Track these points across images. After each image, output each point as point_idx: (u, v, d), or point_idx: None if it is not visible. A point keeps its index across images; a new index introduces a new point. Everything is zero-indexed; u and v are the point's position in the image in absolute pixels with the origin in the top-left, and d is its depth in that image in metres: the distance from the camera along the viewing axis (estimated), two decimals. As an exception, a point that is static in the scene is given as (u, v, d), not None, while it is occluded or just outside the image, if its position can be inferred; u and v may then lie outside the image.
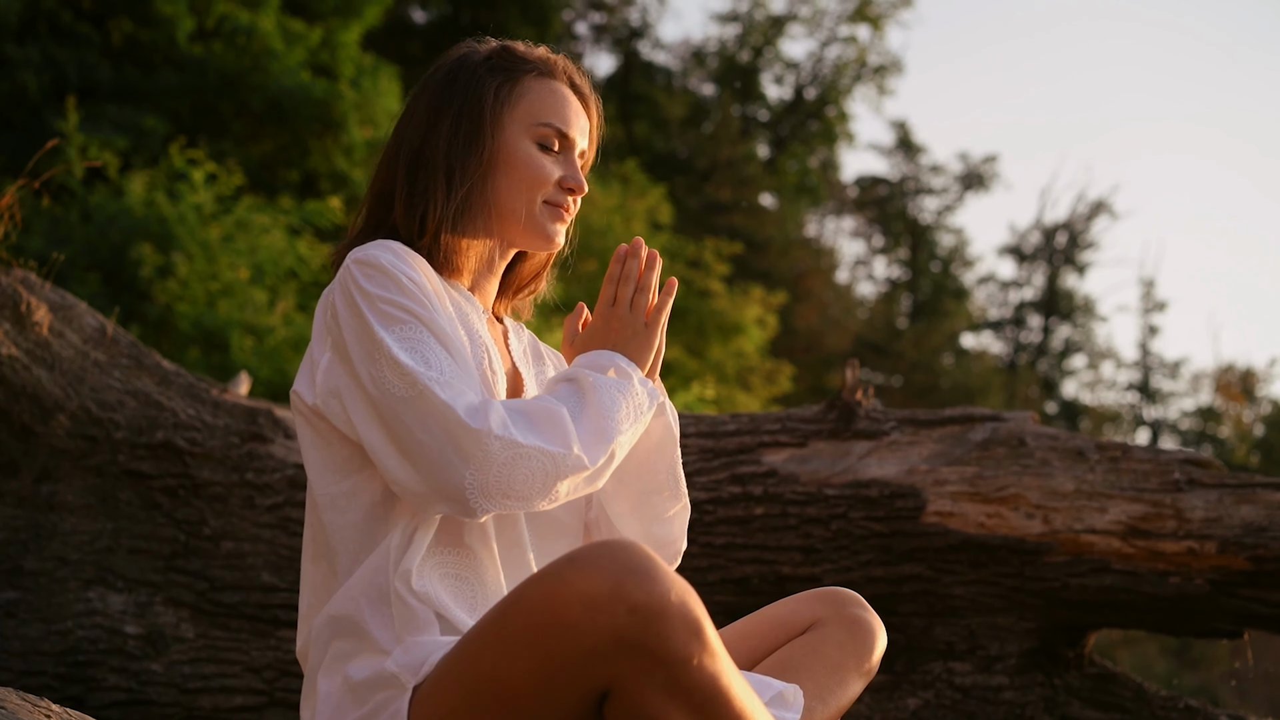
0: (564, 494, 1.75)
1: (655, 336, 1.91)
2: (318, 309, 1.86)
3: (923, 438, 3.65)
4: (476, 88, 1.94)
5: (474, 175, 1.91)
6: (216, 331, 8.81)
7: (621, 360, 1.86)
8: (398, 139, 1.96)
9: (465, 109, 1.93)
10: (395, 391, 1.70)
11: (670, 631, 1.49)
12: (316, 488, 1.83)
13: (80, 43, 11.12)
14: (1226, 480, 3.47)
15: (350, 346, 1.75)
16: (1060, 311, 28.25)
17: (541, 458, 1.69)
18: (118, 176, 9.66)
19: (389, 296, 1.76)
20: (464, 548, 1.81)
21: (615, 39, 24.02)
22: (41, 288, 3.66)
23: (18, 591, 3.51)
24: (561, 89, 1.99)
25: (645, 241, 5.12)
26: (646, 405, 1.85)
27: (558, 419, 1.73)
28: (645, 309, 1.91)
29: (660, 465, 1.98)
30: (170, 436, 3.63)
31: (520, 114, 1.95)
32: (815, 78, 25.80)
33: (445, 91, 1.95)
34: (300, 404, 1.84)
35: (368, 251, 1.80)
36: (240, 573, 3.57)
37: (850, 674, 1.92)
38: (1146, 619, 3.54)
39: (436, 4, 18.88)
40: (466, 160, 1.91)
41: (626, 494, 1.98)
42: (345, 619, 1.76)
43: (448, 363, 1.74)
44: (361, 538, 1.79)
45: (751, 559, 3.58)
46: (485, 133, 1.92)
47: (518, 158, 1.93)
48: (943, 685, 3.53)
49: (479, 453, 1.67)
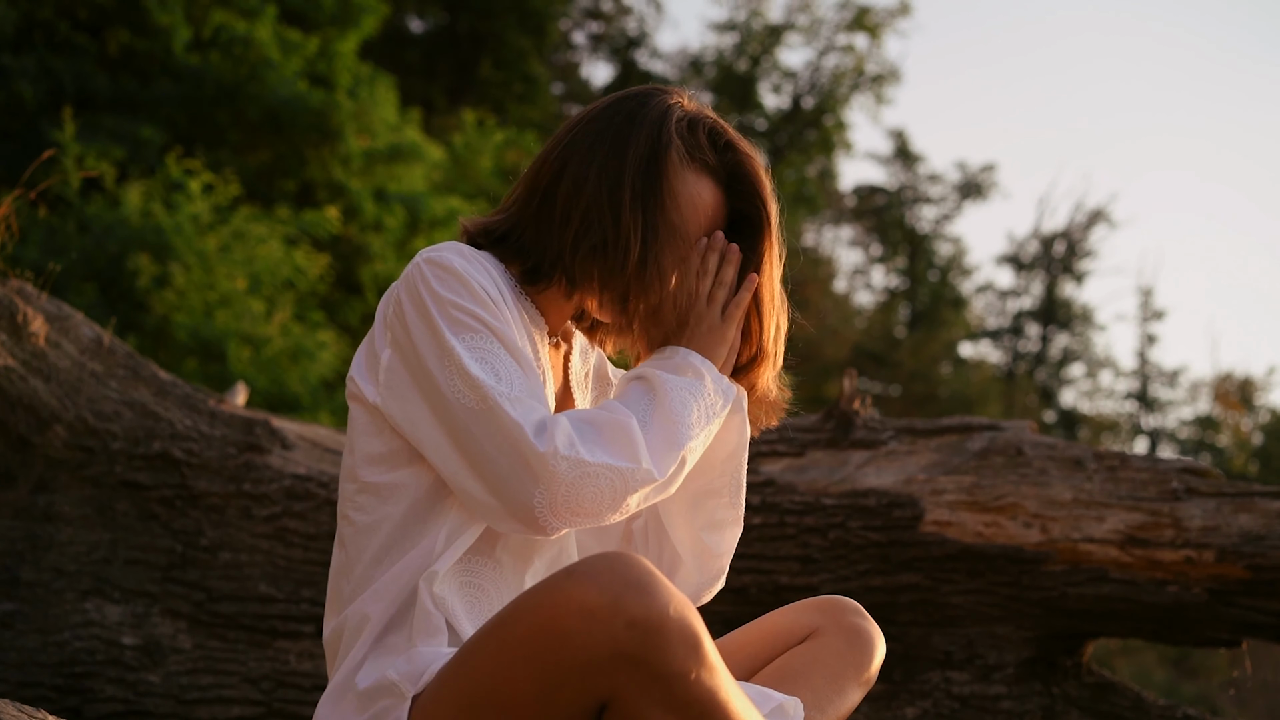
0: (635, 506, 1.72)
1: (731, 331, 1.87)
2: (382, 301, 1.82)
3: (920, 447, 3.64)
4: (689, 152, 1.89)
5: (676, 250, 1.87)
6: (213, 342, 8.82)
7: (695, 358, 1.82)
8: (588, 158, 1.86)
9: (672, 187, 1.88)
10: (465, 403, 1.68)
11: (668, 646, 1.49)
12: (361, 474, 1.81)
13: (77, 53, 11.13)
14: (1224, 489, 3.47)
15: (420, 349, 1.73)
16: (1058, 320, 28.27)
17: (610, 474, 1.67)
18: (114, 186, 9.66)
19: (460, 302, 1.73)
20: (493, 559, 1.80)
21: (612, 48, 24.05)
22: (38, 298, 3.66)
23: (15, 603, 3.50)
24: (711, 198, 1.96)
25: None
26: (720, 405, 1.82)
27: (626, 431, 1.70)
28: (722, 303, 1.88)
29: (728, 467, 1.93)
30: (167, 447, 3.62)
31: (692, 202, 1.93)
32: (813, 87, 25.83)
33: (659, 147, 1.87)
34: (357, 391, 1.81)
35: (440, 252, 1.77)
36: (237, 583, 3.57)
37: (849, 683, 1.91)
38: (1144, 628, 3.54)
39: (434, 13, 18.88)
40: (678, 237, 1.86)
41: (684, 494, 1.94)
42: (375, 616, 1.75)
43: (518, 376, 1.71)
44: (396, 531, 1.78)
45: (749, 569, 3.57)
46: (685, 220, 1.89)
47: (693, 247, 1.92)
48: (941, 695, 3.53)
49: (546, 473, 1.65)
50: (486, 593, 1.79)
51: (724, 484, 1.94)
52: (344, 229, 10.80)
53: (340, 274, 10.63)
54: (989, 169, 28.31)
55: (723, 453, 1.92)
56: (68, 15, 11.37)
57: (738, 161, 1.92)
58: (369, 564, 1.79)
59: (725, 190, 1.92)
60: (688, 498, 1.94)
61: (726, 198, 1.92)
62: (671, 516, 1.96)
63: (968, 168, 28.39)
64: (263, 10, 11.37)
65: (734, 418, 1.91)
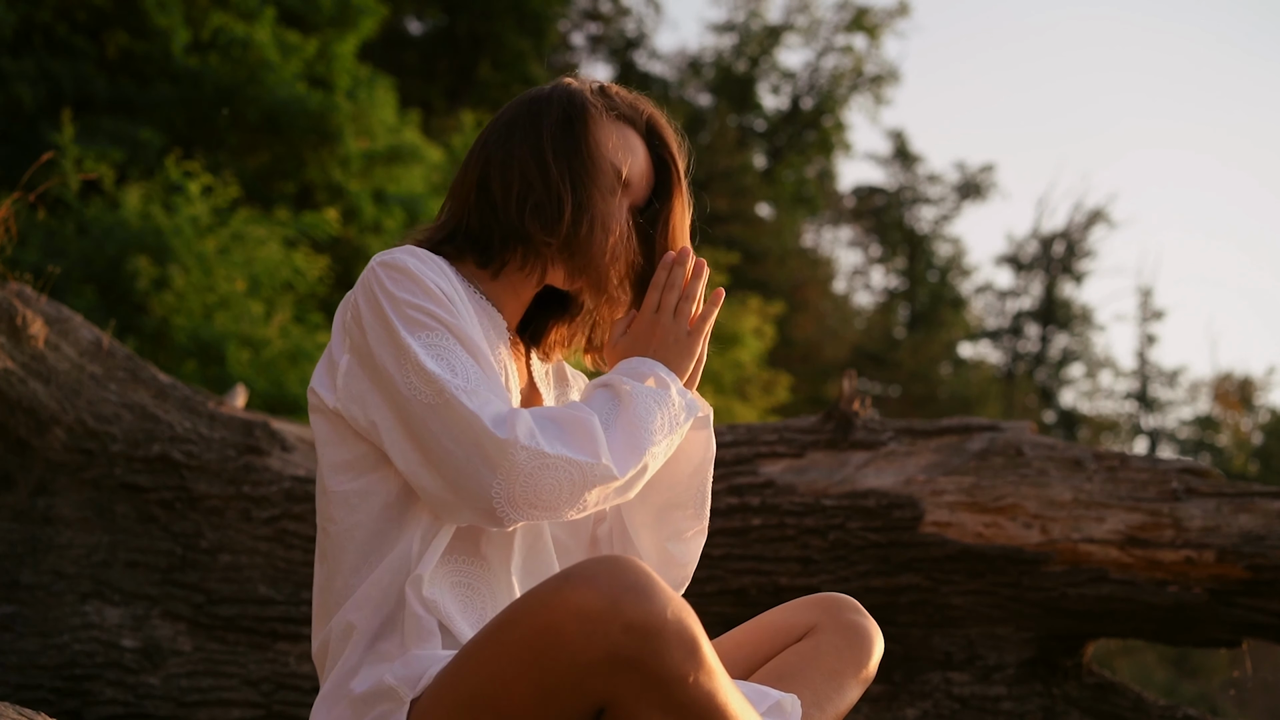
0: (593, 503, 1.73)
1: (698, 345, 1.90)
2: (339, 309, 1.84)
3: (920, 448, 3.64)
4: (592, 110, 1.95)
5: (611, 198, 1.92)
6: (213, 344, 8.81)
7: (661, 369, 1.84)
8: (523, 139, 1.91)
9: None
10: (422, 399, 1.69)
11: (666, 649, 1.49)
12: (329, 484, 1.81)
13: (75, 55, 11.13)
14: (1224, 489, 3.47)
15: (375, 351, 1.74)
16: (1058, 320, 28.28)
17: (569, 467, 1.68)
18: (113, 189, 9.65)
19: (415, 301, 1.75)
20: (479, 557, 1.80)
21: (611, 49, 24.06)
22: (37, 301, 3.66)
23: (14, 605, 3.50)
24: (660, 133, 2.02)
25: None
26: (683, 417, 1.83)
27: (588, 427, 1.71)
28: (689, 317, 1.89)
29: (694, 481, 1.96)
30: (167, 449, 3.62)
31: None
32: (812, 87, 25.83)
33: (569, 111, 1.94)
34: (318, 402, 1.82)
35: (393, 255, 1.79)
36: (237, 585, 3.56)
37: (848, 680, 1.91)
38: (1144, 628, 3.54)
39: (432, 15, 18.89)
40: (604, 186, 1.92)
41: (650, 505, 1.96)
42: (361, 626, 1.75)
43: (474, 370, 1.72)
44: (370, 538, 1.78)
45: (749, 570, 3.57)
46: (607, 172, 1.93)
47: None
48: (941, 696, 3.53)
49: (505, 462, 1.65)
50: (478, 591, 1.79)
51: (689, 497, 1.96)
52: (343, 231, 10.79)
53: (339, 276, 10.62)
54: (988, 169, 28.35)
55: (688, 467, 1.95)
56: (67, 17, 11.37)
57: (650, 113, 1.98)
58: (348, 573, 1.79)
59: (645, 140, 1.97)
60: (653, 510, 1.96)
61: (648, 146, 1.97)
62: (637, 527, 1.97)
63: (967, 168, 28.44)
64: (261, 12, 11.37)
65: (700, 434, 1.94)
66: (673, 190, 1.96)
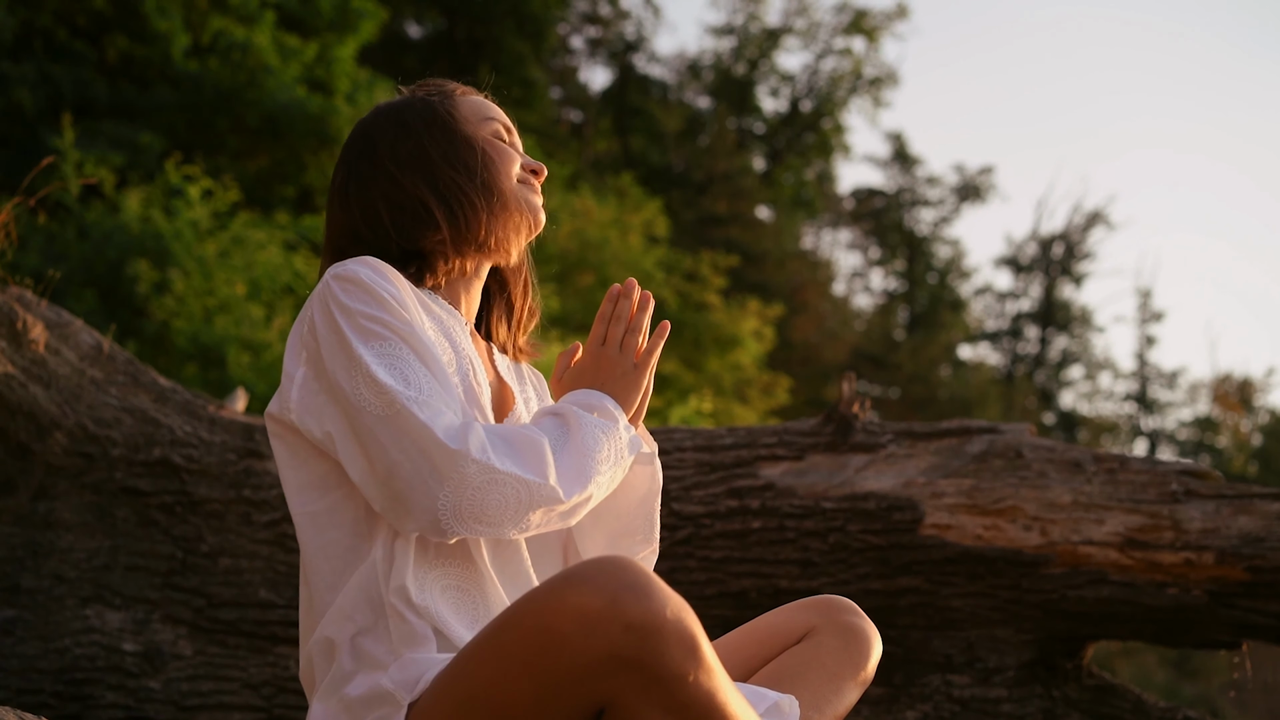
0: (535, 524, 1.74)
1: (644, 378, 1.91)
2: (294, 325, 1.84)
3: (920, 450, 3.65)
4: (426, 105, 1.99)
5: (478, 165, 1.93)
6: (213, 347, 8.82)
7: (609, 402, 1.86)
8: (369, 166, 1.96)
9: (434, 122, 1.96)
10: (372, 410, 1.69)
11: (666, 649, 1.49)
12: (295, 506, 1.82)
13: (76, 59, 11.14)
14: (1224, 491, 3.47)
15: (328, 362, 1.74)
16: (1057, 322, 28.29)
17: (516, 485, 1.69)
18: (114, 193, 9.66)
19: (368, 311, 1.75)
20: (467, 560, 1.80)
21: (611, 52, 24.07)
22: (38, 305, 3.66)
23: (15, 609, 3.50)
24: (483, 98, 2.06)
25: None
26: (627, 451, 1.84)
27: (538, 448, 1.72)
28: (635, 350, 1.91)
29: (641, 511, 1.99)
30: (167, 453, 3.62)
31: (469, 116, 1.99)
32: (811, 90, 25.84)
33: (406, 118, 1.99)
34: (275, 424, 1.83)
35: (346, 267, 1.79)
36: (238, 589, 3.57)
37: (846, 682, 1.91)
38: (1144, 630, 3.54)
39: (432, 19, 18.90)
40: (468, 157, 1.94)
41: (601, 534, 1.98)
42: (340, 639, 1.75)
43: (427, 381, 1.73)
44: (344, 554, 1.78)
45: (749, 573, 3.58)
46: (458, 132, 1.96)
47: (492, 143, 1.97)
48: (941, 698, 3.53)
49: (454, 474, 1.66)
50: (469, 593, 1.79)
51: (638, 525, 1.99)
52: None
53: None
54: (987, 171, 28.37)
55: (634, 498, 1.97)
56: (67, 22, 11.38)
57: (465, 86, 2.06)
58: (325, 591, 1.79)
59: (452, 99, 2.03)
60: (605, 538, 1.98)
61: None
62: (589, 550, 2.00)
63: (966, 170, 28.45)
64: (261, 16, 11.39)
65: (645, 468, 1.96)
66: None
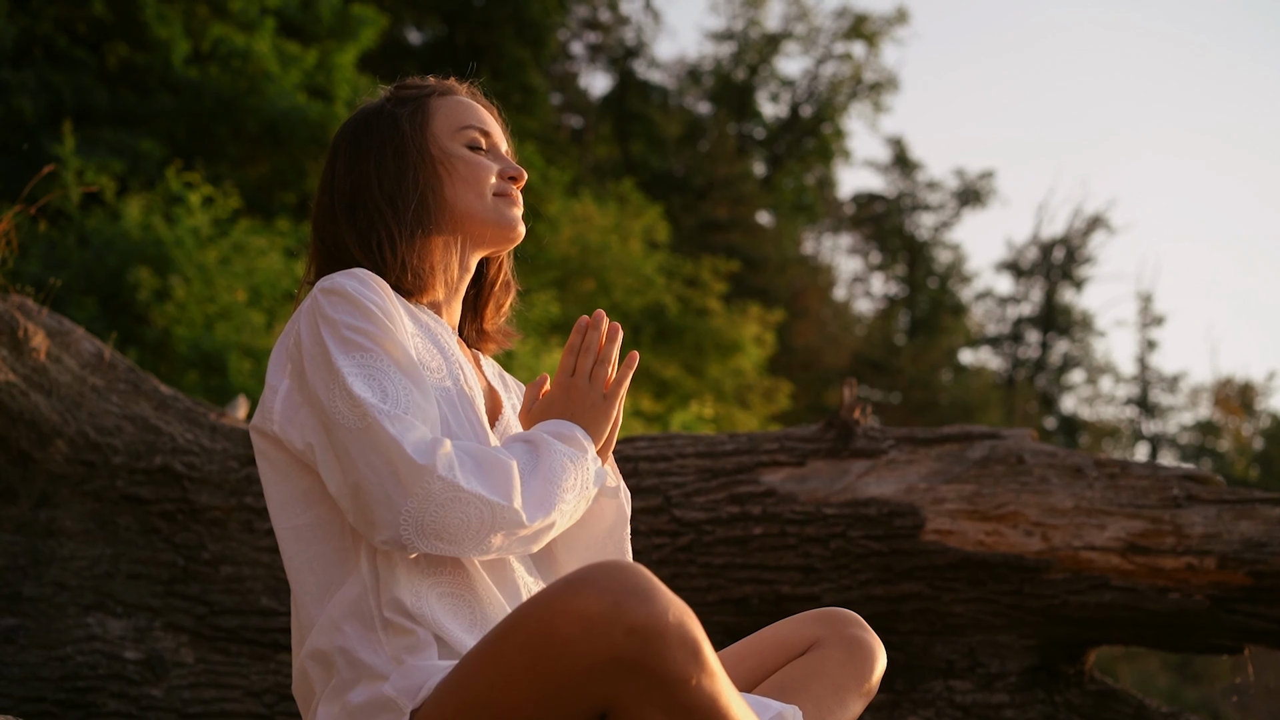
0: (496, 547, 1.74)
1: (613, 409, 1.91)
2: (280, 338, 1.85)
3: (921, 456, 3.65)
4: (391, 121, 1.98)
5: (415, 192, 1.93)
6: (214, 354, 8.82)
7: (580, 433, 1.86)
8: (328, 197, 1.97)
9: (387, 141, 1.96)
10: (345, 422, 1.69)
11: (668, 652, 1.49)
12: (279, 521, 1.82)
13: (76, 67, 11.15)
14: (1225, 496, 3.47)
15: (309, 374, 1.75)
16: (1058, 327, 28.29)
17: (480, 505, 1.69)
18: (114, 200, 9.67)
19: (352, 322, 1.75)
20: (460, 566, 1.80)
21: (611, 58, 24.09)
22: (38, 313, 3.67)
23: (17, 617, 3.50)
24: (464, 99, 2.04)
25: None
26: (593, 482, 1.85)
27: (506, 470, 1.73)
28: (604, 381, 1.91)
29: (610, 539, 2.00)
30: (168, 461, 3.62)
31: (441, 127, 1.99)
32: (811, 95, 25.86)
33: (361, 137, 1.98)
34: (258, 438, 1.83)
35: (333, 279, 1.80)
36: (239, 597, 3.57)
37: (850, 694, 1.92)
38: (1146, 635, 3.54)
39: (432, 25, 18.92)
40: (402, 181, 1.94)
41: (575, 561, 1.99)
42: (335, 650, 1.74)
43: (406, 393, 1.73)
44: (331, 569, 1.78)
45: (750, 579, 3.57)
46: (413, 152, 1.95)
47: (455, 162, 1.97)
48: (943, 704, 3.53)
49: (419, 489, 1.66)
50: (464, 599, 1.79)
51: (610, 553, 2.01)
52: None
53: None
54: (987, 176, 28.38)
55: (601, 528, 1.99)
56: (67, 29, 11.39)
57: (448, 85, 2.07)
58: (312, 605, 1.80)
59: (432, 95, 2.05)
60: (578, 561, 2.00)
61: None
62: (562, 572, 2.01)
63: (966, 175, 28.47)
64: (261, 23, 11.39)
65: (612, 502, 1.98)
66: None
